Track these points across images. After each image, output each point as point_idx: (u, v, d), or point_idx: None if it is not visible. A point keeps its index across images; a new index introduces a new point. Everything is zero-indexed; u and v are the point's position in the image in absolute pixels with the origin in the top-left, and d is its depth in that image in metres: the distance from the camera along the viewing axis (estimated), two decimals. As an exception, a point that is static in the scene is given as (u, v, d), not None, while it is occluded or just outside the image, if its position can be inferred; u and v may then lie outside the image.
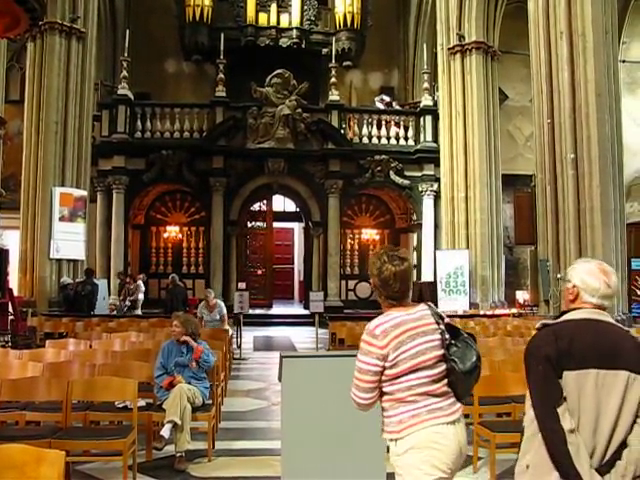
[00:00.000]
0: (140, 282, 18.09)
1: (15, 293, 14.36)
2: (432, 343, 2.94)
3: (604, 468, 2.44)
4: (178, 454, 5.78)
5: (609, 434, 2.47)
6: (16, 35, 7.78)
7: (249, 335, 15.26)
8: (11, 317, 12.70)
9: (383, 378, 2.88)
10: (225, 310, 12.17)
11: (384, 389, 2.90)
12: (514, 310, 17.08)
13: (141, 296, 17.96)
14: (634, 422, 2.48)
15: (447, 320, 3.10)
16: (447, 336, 3.00)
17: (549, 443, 2.47)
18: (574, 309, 2.69)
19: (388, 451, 2.99)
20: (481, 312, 16.18)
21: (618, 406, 2.47)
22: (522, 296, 20.43)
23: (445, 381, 2.94)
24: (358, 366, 2.90)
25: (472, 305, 17.31)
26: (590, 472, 2.41)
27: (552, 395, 2.49)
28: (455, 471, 2.92)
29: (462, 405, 3.01)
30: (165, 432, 5.76)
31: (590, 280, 2.69)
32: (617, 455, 2.46)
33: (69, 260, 16.84)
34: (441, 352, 2.95)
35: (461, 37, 17.97)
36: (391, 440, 2.91)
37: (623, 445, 2.46)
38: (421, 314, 3.00)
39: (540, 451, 2.50)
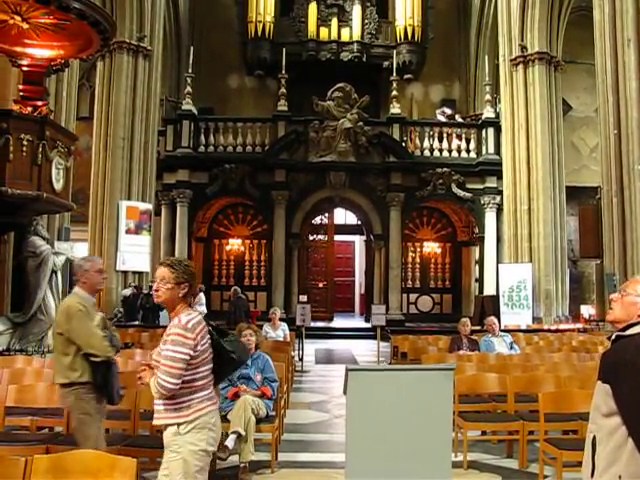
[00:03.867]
0: (201, 294, 18.29)
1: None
2: (209, 341, 3.51)
3: None
4: (242, 465, 5.83)
5: None
6: (88, 55, 8.05)
7: (311, 348, 15.30)
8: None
9: (188, 367, 3.36)
10: (288, 331, 12.28)
11: (186, 377, 3.36)
12: (579, 325, 16.72)
13: (202, 308, 18.18)
14: None
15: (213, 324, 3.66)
16: (215, 336, 3.56)
17: None
18: (637, 322, 2.71)
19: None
20: (545, 327, 15.90)
21: None
22: (587, 311, 19.97)
23: (212, 375, 3.54)
24: (172, 356, 3.32)
25: (535, 320, 17.03)
26: None
27: None
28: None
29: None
30: (229, 442, 5.83)
31: None
32: None
33: (134, 272, 17.20)
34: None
35: (523, 48, 17.79)
36: (177, 424, 3.38)
37: None
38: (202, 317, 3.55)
39: (634, 459, 2.50)
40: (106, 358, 4.54)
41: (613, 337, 2.75)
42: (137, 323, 15.19)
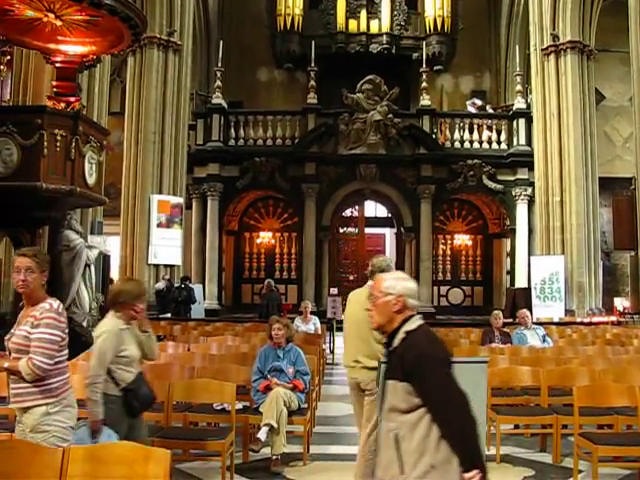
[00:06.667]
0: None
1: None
2: None
3: None
4: (274, 457, 5.86)
5: None
6: (119, 51, 8.12)
7: (342, 340, 15.29)
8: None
9: (58, 348, 3.58)
10: (319, 324, 12.30)
11: (56, 359, 3.56)
12: (613, 318, 16.53)
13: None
14: None
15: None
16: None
17: (471, 436, 2.63)
18: (408, 318, 2.81)
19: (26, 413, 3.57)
20: (578, 319, 15.74)
21: None
22: (621, 303, 19.73)
23: None
24: (48, 338, 3.52)
25: (568, 312, 16.85)
26: None
27: (463, 392, 2.67)
28: None
29: None
30: (262, 435, 5.86)
31: (409, 284, 2.87)
32: None
33: (166, 265, 17.33)
34: None
35: (555, 37, 17.56)
36: (45, 404, 3.53)
37: None
38: None
39: (441, 448, 2.63)
40: None
41: (402, 335, 2.78)
42: (169, 316, 15.31)
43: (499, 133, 20.81)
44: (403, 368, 2.68)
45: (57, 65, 8.04)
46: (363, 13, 24.36)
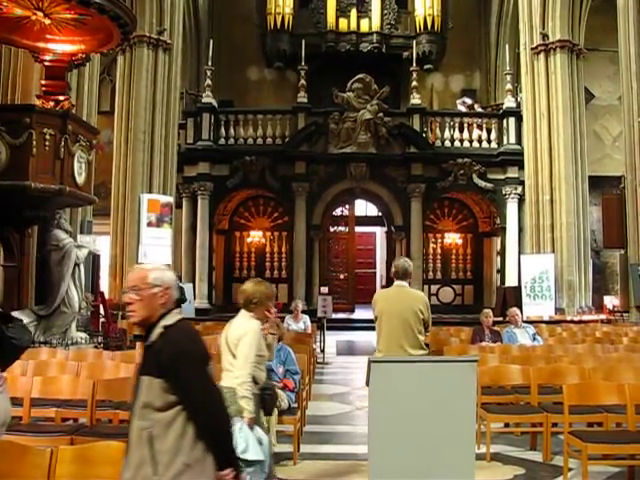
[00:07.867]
0: None
1: (106, 296, 14.85)
2: None
3: None
4: (264, 456, 5.84)
5: None
6: (109, 50, 8.12)
7: (332, 339, 15.31)
8: (102, 319, 13.14)
9: None
10: (310, 323, 12.32)
11: None
12: (602, 316, 16.59)
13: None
14: None
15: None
16: None
17: (226, 434, 2.69)
18: (168, 311, 2.74)
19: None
20: (568, 318, 15.80)
21: None
22: (611, 301, 19.80)
23: None
24: None
25: (558, 310, 16.91)
26: None
27: (219, 391, 2.74)
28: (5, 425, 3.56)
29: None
30: (252, 434, 5.84)
31: (173, 275, 2.82)
32: None
33: (156, 265, 17.25)
34: None
35: (545, 36, 17.61)
36: None
37: None
38: None
39: (197, 446, 2.61)
40: None
41: (161, 330, 2.69)
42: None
43: (489, 132, 20.85)
44: (159, 364, 2.60)
45: (46, 64, 8.01)
46: (353, 12, 24.36)
